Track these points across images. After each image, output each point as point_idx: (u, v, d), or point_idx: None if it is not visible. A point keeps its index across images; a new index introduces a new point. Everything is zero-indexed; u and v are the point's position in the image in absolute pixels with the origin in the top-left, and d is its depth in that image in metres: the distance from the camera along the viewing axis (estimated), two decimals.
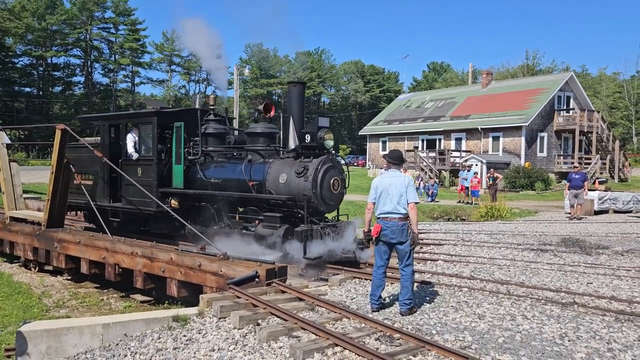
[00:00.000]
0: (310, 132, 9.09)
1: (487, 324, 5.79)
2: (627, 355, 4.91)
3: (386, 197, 6.27)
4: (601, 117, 36.55)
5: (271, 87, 74.38)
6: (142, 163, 10.99)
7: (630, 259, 10.11)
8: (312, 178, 8.81)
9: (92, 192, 11.56)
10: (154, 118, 10.72)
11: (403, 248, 6.24)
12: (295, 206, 9.01)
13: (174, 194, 10.76)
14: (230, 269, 7.63)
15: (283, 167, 9.34)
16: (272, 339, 5.33)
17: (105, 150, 11.39)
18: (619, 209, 19.79)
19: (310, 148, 9.19)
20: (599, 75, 72.20)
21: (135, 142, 11.22)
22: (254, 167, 9.81)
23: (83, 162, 11.90)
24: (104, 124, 11.85)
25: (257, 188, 9.58)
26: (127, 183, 10.89)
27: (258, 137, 10.29)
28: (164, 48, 71.92)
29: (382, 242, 6.33)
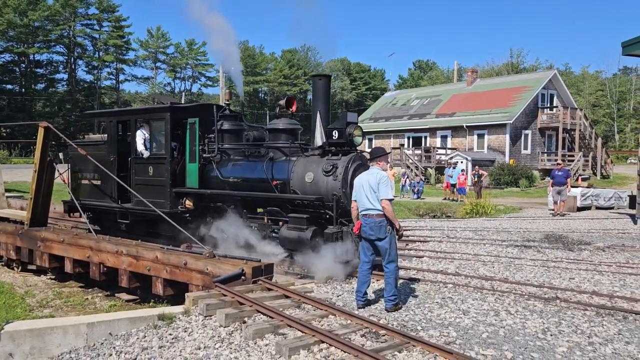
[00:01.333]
0: (339, 128, 8.58)
1: (472, 319, 5.86)
2: (607, 348, 5.00)
3: (362, 194, 6.33)
4: (584, 114, 37.02)
5: (257, 84, 74.13)
6: (153, 161, 10.41)
7: (612, 254, 10.28)
8: (342, 177, 8.29)
9: (100, 192, 11.11)
10: (167, 114, 10.13)
11: (382, 245, 6.27)
12: (323, 206, 8.49)
13: (188, 194, 10.18)
14: (216, 267, 7.62)
15: (309, 165, 8.80)
16: (258, 337, 5.34)
17: (113, 149, 10.92)
18: (601, 206, 20.08)
19: (338, 145, 8.68)
20: (581, 73, 73.08)
21: (146, 140, 10.66)
22: (277, 165, 9.25)
23: (89, 161, 11.18)
24: (111, 120, 11.21)
25: (281, 187, 9.04)
26: (138, 183, 10.52)
27: (280, 134, 9.63)
28: (149, 45, 71.29)
29: (363, 238, 6.39)
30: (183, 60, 73.26)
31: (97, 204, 11.19)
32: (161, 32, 72.12)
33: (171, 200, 10.07)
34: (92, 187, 11.26)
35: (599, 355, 4.85)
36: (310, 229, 8.32)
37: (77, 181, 11.72)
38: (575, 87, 65.22)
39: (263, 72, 76.11)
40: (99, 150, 11.09)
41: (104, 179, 11.04)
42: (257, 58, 76.15)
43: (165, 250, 8.51)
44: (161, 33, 72.13)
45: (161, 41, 72.28)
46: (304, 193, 8.70)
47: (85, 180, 11.47)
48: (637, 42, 14.83)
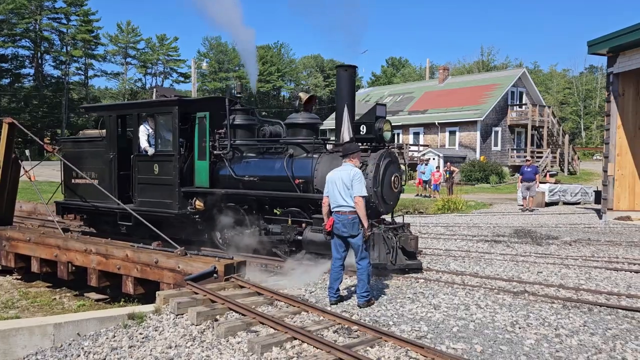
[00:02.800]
0: (367, 123, 8.10)
1: (442, 314, 5.93)
2: (573, 340, 5.12)
3: (335, 190, 6.30)
4: (552, 112, 37.85)
5: (230, 80, 73.54)
6: (159, 159, 9.69)
7: (578, 248, 10.55)
8: (372, 175, 7.75)
9: (97, 192, 10.26)
10: (174, 107, 9.39)
11: (355, 242, 6.27)
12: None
13: (198, 194, 9.49)
14: (188, 265, 7.55)
15: (334, 162, 8.01)
16: (231, 334, 5.31)
17: (113, 145, 10.26)
18: (568, 201, 20.57)
19: (366, 141, 8.21)
20: (550, 71, 74.78)
21: (149, 135, 9.94)
22: (298, 162, 8.61)
23: (84, 159, 10.68)
24: (110, 114, 10.46)
25: (303, 186, 8.42)
26: (142, 182, 9.86)
27: (300, 129, 8.97)
28: (119, 40, 70.00)
29: (335, 235, 6.37)
30: (154, 56, 72.20)
31: (95, 205, 10.46)
32: (131, 27, 70.91)
33: (180, 200, 9.40)
34: (88, 187, 10.50)
35: (565, 346, 4.96)
36: None
37: (71, 180, 10.97)
38: (544, 85, 66.63)
39: (236, 68, 75.55)
40: (96, 147, 10.50)
41: (102, 178, 10.39)
42: (229, 54, 75.55)
43: (135, 248, 8.39)
44: (131, 28, 70.92)
45: (131, 36, 71.06)
46: None
47: (80, 180, 10.72)
48: (602, 41, 15.21)
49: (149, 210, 9.64)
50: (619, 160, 15.75)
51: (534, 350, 4.85)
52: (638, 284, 7.48)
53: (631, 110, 15.79)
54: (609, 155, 15.83)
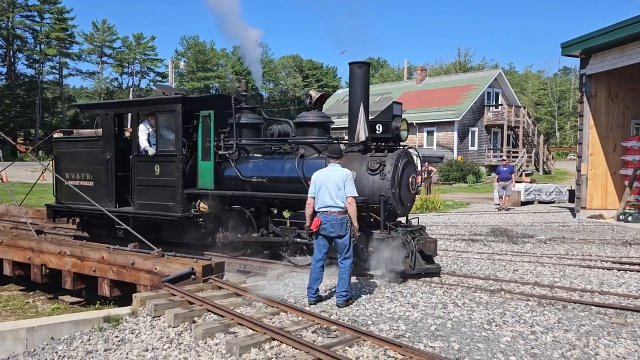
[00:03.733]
0: (383, 122, 7.85)
1: (421, 312, 5.98)
2: (548, 336, 5.21)
3: (325, 191, 6.30)
4: (527, 112, 38.48)
5: (208, 80, 73.00)
6: (161, 159, 9.25)
7: (553, 246, 10.74)
8: (390, 175, 7.50)
9: (92, 194, 9.77)
10: (178, 105, 8.96)
11: (342, 241, 6.31)
12: (367, 209, 7.67)
13: (203, 196, 9.07)
14: (165, 266, 7.47)
15: (350, 163, 7.74)
16: (208, 336, 5.27)
17: (109, 145, 9.79)
18: (543, 200, 20.93)
19: (382, 140, 7.96)
20: (525, 73, 75.97)
21: (149, 135, 9.52)
22: (310, 163, 8.23)
23: (79, 159, 10.20)
24: (106, 113, 9.94)
25: None
26: (142, 184, 9.43)
27: (312, 128, 8.64)
28: (94, 38, 68.90)
29: (322, 235, 6.36)
30: (131, 55, 71.24)
31: (89, 208, 9.80)
32: (107, 26, 69.87)
33: (183, 203, 8.98)
34: (82, 188, 9.93)
35: (540, 343, 5.04)
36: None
37: (64, 182, 10.40)
38: (519, 86, 67.67)
39: (214, 68, 75.04)
40: (92, 147, 10.05)
41: (97, 180, 9.93)
42: (207, 54, 75.00)
43: (111, 250, 8.26)
44: (107, 26, 69.88)
45: (107, 35, 70.01)
46: None
47: (73, 181, 10.21)
48: (575, 43, 15.53)
49: (149, 214, 9.28)
50: (591, 160, 16.09)
51: (510, 348, 4.91)
52: (610, 281, 7.64)
53: (603, 111, 16.14)
54: (582, 155, 16.17)
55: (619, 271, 8.30)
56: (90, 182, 10.01)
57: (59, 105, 65.53)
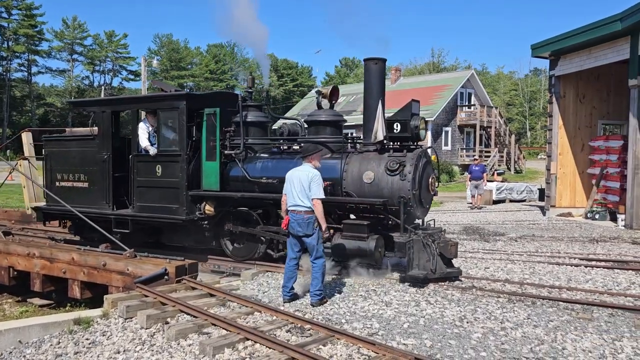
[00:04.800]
0: (402, 120, 7.60)
1: (394, 310, 6.04)
2: (517, 332, 5.32)
3: (292, 190, 6.35)
4: (499, 113, 39.12)
5: (182, 79, 72.21)
6: (163, 159, 8.81)
7: (523, 244, 10.96)
8: (411, 176, 7.25)
9: (86, 196, 9.44)
10: (182, 102, 8.56)
11: (310, 241, 6.34)
12: (385, 211, 7.41)
13: (208, 198, 8.63)
14: (137, 267, 7.40)
15: (366, 163, 7.59)
16: (182, 337, 5.23)
17: (107, 144, 9.32)
18: (515, 199, 21.32)
19: (400, 139, 7.73)
20: (497, 73, 77.21)
21: (150, 133, 9.11)
22: (324, 163, 7.75)
23: (72, 159, 9.72)
24: (103, 110, 9.43)
25: (331, 189, 7.73)
26: (142, 185, 8.98)
27: (324, 127, 8.34)
28: (65, 35, 67.44)
29: (291, 234, 6.42)
30: (102, 53, 69.94)
31: (84, 211, 9.27)
32: (77, 23, 68.46)
33: (187, 205, 8.57)
34: (76, 190, 9.60)
35: (510, 339, 5.15)
36: (372, 238, 7.22)
37: (56, 183, 9.94)
38: (492, 87, 68.76)
39: (188, 66, 74.28)
40: (86, 146, 9.59)
41: (93, 181, 9.46)
42: (181, 52, 74.21)
43: (82, 251, 8.13)
44: (78, 23, 68.46)
45: (78, 32, 68.59)
46: (361, 195, 7.54)
47: (66, 182, 9.80)
48: (544, 45, 15.87)
49: (151, 216, 8.85)
50: (560, 159, 16.47)
51: (481, 344, 5.00)
52: (578, 277, 7.84)
53: (572, 112, 16.54)
54: (551, 154, 16.54)
55: (586, 267, 8.52)
56: (85, 184, 9.56)
57: (28, 104, 63.97)
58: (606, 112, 16.94)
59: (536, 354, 4.76)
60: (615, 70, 15.54)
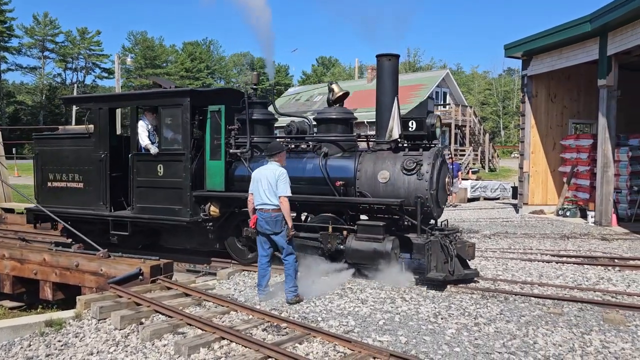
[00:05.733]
0: (417, 118, 7.44)
1: (369, 308, 6.08)
2: (490, 327, 5.42)
3: (259, 188, 6.36)
4: (474, 112, 39.67)
5: (157, 77, 71.25)
6: (165, 159, 8.44)
7: (496, 241, 11.14)
8: (428, 176, 7.10)
9: (81, 197, 9.04)
10: (186, 99, 8.21)
11: (278, 239, 6.39)
12: (401, 211, 7.26)
13: (213, 199, 8.31)
14: (111, 267, 7.32)
15: (381, 162, 7.42)
16: (156, 337, 5.19)
17: (103, 143, 8.91)
18: (489, 197, 21.65)
19: (416, 138, 7.56)
20: (471, 73, 78.20)
21: (149, 131, 8.75)
22: (336, 162, 7.77)
23: (65, 158, 9.29)
24: (100, 107, 9.02)
25: (344, 189, 7.61)
26: (142, 185, 8.60)
27: (335, 125, 8.11)
28: (35, 32, 65.95)
29: (259, 232, 6.45)
30: (75, 50, 68.61)
31: (78, 212, 9.03)
32: (49, 19, 67.02)
33: (191, 206, 8.23)
34: (70, 190, 9.19)
35: (483, 334, 5.24)
36: (388, 240, 7.05)
37: (47, 184, 9.51)
38: (466, 86, 69.62)
39: (163, 64, 73.40)
40: (81, 145, 9.18)
41: (88, 181, 9.05)
42: (156, 50, 73.28)
43: (54, 251, 8.00)
44: (49, 20, 67.03)
45: (49, 28, 67.14)
46: (375, 195, 7.36)
47: (58, 183, 9.37)
48: (517, 45, 16.13)
49: (152, 218, 8.48)
50: (533, 158, 16.77)
51: (455, 339, 5.08)
52: (549, 273, 8.01)
53: (543, 111, 16.85)
54: (524, 153, 16.82)
55: (557, 263, 8.71)
56: (79, 184, 9.13)
57: None
58: (576, 111, 17.30)
59: (508, 349, 4.85)
60: (585, 70, 15.88)
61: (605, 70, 13.42)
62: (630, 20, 12.16)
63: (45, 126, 49.58)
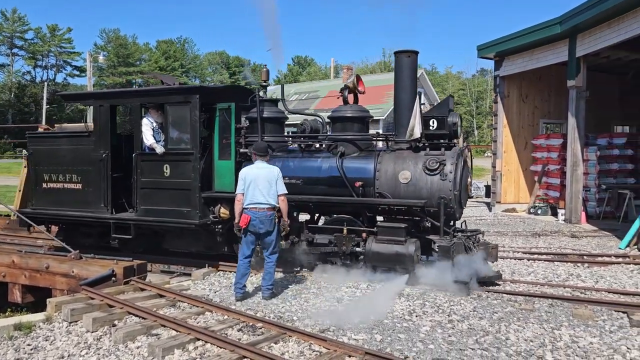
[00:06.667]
0: (439, 117, 7.23)
1: (345, 306, 6.11)
2: (464, 324, 5.49)
3: (255, 188, 6.35)
4: None
5: (130, 75, 70.28)
6: (172, 158, 8.04)
7: None
8: (452, 176, 6.93)
9: (79, 199, 8.62)
10: (195, 97, 7.84)
11: (271, 237, 6.45)
12: (423, 213, 7.07)
13: (224, 200, 7.93)
14: (83, 269, 7.21)
15: (401, 162, 7.23)
16: (129, 339, 5.12)
17: (104, 142, 8.46)
18: None
19: (438, 137, 7.32)
20: (446, 73, 79.12)
21: (154, 130, 8.38)
22: (354, 162, 7.56)
23: (62, 158, 8.84)
24: (101, 104, 8.58)
25: (363, 190, 7.41)
26: (147, 186, 8.19)
27: (352, 124, 7.88)
28: (3, 28, 64.29)
29: (251, 232, 6.41)
30: (45, 47, 67.13)
31: (77, 215, 8.65)
32: (18, 15, 65.42)
33: (200, 208, 7.90)
34: (67, 192, 8.75)
35: (457, 331, 5.31)
36: (410, 242, 6.87)
37: (42, 184, 9.03)
38: (440, 86, 70.43)
39: (137, 62, 72.37)
40: (80, 144, 8.73)
41: (87, 182, 8.61)
42: (129, 48, 72.20)
43: (23, 253, 7.83)
44: (18, 16, 65.43)
45: (18, 25, 65.56)
46: (396, 196, 7.16)
47: (55, 184, 8.90)
48: (489, 46, 16.40)
49: (158, 221, 8.07)
50: (505, 157, 17.06)
51: (429, 337, 5.14)
52: (521, 270, 8.17)
53: (515, 111, 17.16)
54: (497, 152, 17.11)
55: (528, 260, 8.89)
56: (78, 185, 8.66)
57: None
58: (547, 111, 17.65)
59: (481, 345, 4.93)
60: (556, 71, 16.23)
61: (574, 71, 13.73)
62: (598, 22, 12.47)
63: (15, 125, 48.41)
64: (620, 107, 18.18)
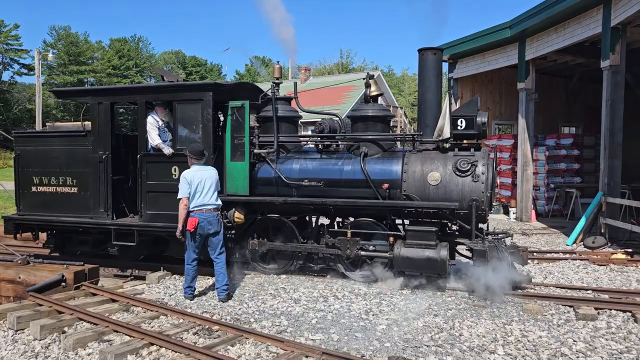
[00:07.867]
0: (467, 116, 6.95)
1: (302, 307, 6.11)
2: (419, 322, 5.59)
3: (203, 190, 6.40)
4: (404, 113, 40.75)
5: (82, 74, 68.17)
6: (182, 160, 7.21)
7: None
8: (484, 177, 6.67)
9: (76, 203, 8.12)
10: (207, 94, 7.35)
11: (219, 237, 6.48)
12: (452, 215, 6.86)
13: (238, 204, 7.51)
14: (31, 274, 6.95)
15: (429, 163, 6.94)
16: (80, 346, 4.96)
17: (104, 142, 7.94)
18: None
19: (467, 137, 7.06)
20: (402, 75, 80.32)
21: (160, 129, 7.86)
22: (379, 163, 7.21)
23: (55, 159, 8.29)
24: (100, 101, 8.02)
25: (388, 192, 7.09)
26: (153, 190, 7.67)
27: (374, 123, 7.55)
28: None
29: (199, 234, 6.39)
30: None
31: (72, 220, 8.12)
32: None
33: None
34: (60, 196, 8.23)
35: (412, 329, 5.39)
36: (441, 246, 6.61)
37: (31, 188, 8.45)
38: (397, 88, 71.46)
39: (89, 61, 70.26)
40: (75, 144, 8.20)
41: (84, 185, 8.10)
42: (81, 46, 70.03)
43: None
44: None
45: None
46: (424, 199, 6.87)
47: (46, 187, 8.35)
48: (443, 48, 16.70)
49: (166, 227, 7.41)
50: None
51: (385, 335, 5.20)
52: None
53: None
54: None
55: None
56: (73, 189, 8.15)
57: None
58: (499, 112, 18.17)
59: (436, 342, 5.03)
60: (506, 74, 16.74)
61: (524, 74, 14.20)
62: (545, 27, 12.94)
63: None
64: (567, 109, 18.91)
